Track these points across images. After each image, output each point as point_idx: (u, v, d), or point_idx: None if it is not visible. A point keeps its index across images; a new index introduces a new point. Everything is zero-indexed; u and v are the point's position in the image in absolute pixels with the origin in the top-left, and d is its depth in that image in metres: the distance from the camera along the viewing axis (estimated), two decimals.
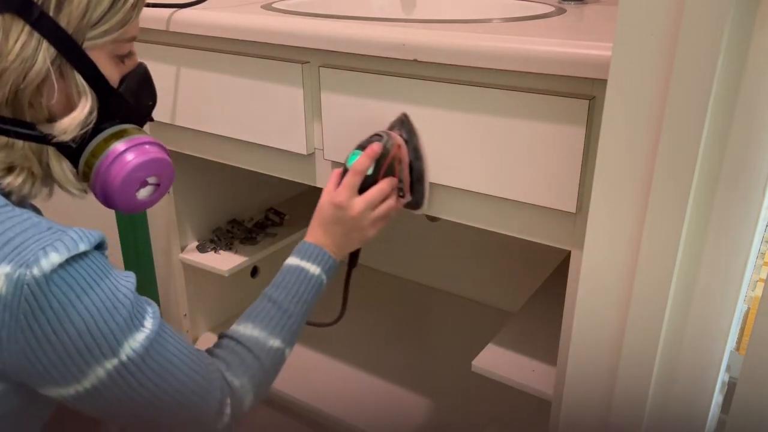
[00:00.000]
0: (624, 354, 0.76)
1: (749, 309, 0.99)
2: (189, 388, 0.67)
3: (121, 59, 0.69)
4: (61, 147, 0.67)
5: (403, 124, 0.91)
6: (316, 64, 0.98)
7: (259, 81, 1.04)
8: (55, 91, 0.63)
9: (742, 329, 0.98)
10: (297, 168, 1.08)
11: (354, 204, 0.86)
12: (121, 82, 0.70)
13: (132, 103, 0.71)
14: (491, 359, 1.03)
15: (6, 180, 0.64)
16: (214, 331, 1.53)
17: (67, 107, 0.65)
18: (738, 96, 0.63)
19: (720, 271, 0.69)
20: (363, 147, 0.89)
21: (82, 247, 0.58)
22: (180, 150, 1.24)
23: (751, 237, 0.67)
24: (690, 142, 0.64)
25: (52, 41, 0.61)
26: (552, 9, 1.07)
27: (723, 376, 0.91)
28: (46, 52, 0.61)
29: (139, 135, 0.72)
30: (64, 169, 0.69)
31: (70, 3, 0.62)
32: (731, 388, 0.98)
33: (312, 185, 1.08)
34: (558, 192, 0.83)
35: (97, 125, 0.68)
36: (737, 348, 1.00)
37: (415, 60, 0.87)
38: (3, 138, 0.63)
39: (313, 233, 0.88)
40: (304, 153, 1.04)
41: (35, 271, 0.55)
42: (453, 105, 0.87)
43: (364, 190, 0.88)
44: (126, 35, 0.68)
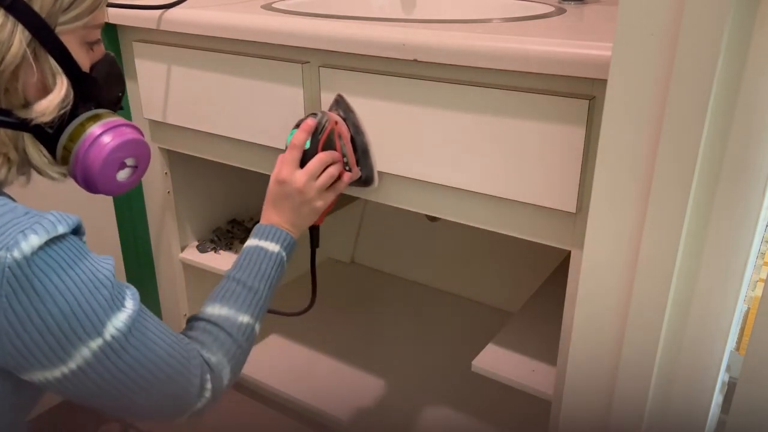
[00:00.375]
0: (624, 354, 0.76)
1: (749, 309, 0.99)
2: (172, 366, 0.68)
3: (91, 46, 0.71)
4: (38, 133, 0.68)
5: (339, 103, 0.96)
6: (316, 64, 0.98)
7: (259, 81, 1.04)
8: (31, 75, 0.64)
9: (742, 329, 0.98)
10: None
11: (296, 177, 0.90)
12: (92, 69, 0.72)
13: (104, 88, 0.73)
14: (491, 359, 1.04)
15: None
16: None
17: (42, 91, 0.66)
18: (738, 96, 0.63)
19: (720, 271, 0.69)
20: (299, 125, 0.92)
21: (60, 230, 0.59)
22: (180, 150, 1.24)
23: (751, 237, 0.67)
24: (690, 142, 0.64)
25: (26, 25, 0.63)
26: (552, 9, 1.07)
27: (723, 376, 0.91)
28: (21, 34, 0.63)
29: (114, 118, 0.74)
30: (41, 154, 0.70)
31: None
32: (731, 388, 0.98)
33: None
34: (558, 192, 0.83)
35: (73, 110, 0.69)
36: (737, 348, 1.00)
37: (415, 60, 0.87)
38: None
39: (266, 214, 0.91)
40: None
41: (16, 254, 0.56)
42: (453, 105, 0.87)
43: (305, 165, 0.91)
44: (95, 21, 0.69)
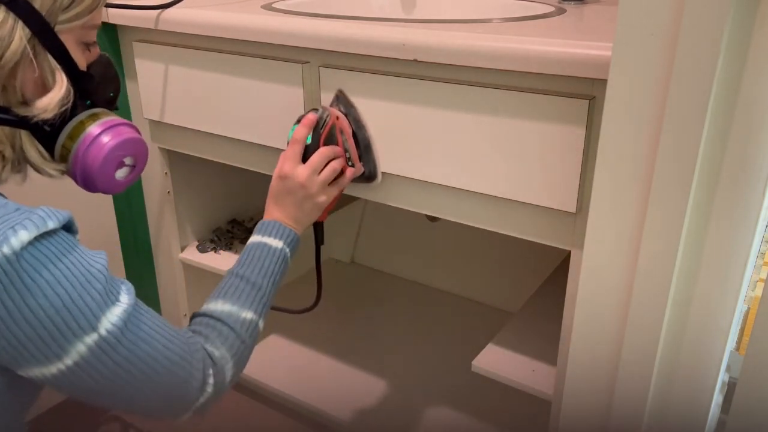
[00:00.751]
0: (624, 354, 0.76)
1: (749, 309, 0.99)
2: (170, 359, 0.68)
3: (87, 47, 0.71)
4: (36, 131, 0.68)
5: (339, 99, 0.96)
6: (316, 64, 0.98)
7: (259, 81, 1.04)
8: (30, 72, 0.65)
9: (742, 329, 0.98)
10: None
11: (298, 171, 0.89)
12: (88, 69, 0.72)
13: (101, 87, 0.74)
14: (491, 359, 1.04)
15: None
16: None
17: (41, 89, 0.67)
18: (738, 96, 0.63)
19: (720, 271, 0.69)
20: (300, 121, 0.92)
21: (50, 225, 0.59)
22: (180, 150, 1.24)
23: (751, 237, 0.67)
24: (690, 142, 0.64)
25: (26, 22, 0.63)
26: (552, 9, 1.07)
27: (723, 376, 0.91)
28: (21, 31, 0.63)
29: (112, 117, 0.74)
30: (39, 152, 0.70)
31: None
32: (731, 388, 0.98)
33: None
34: (558, 192, 0.83)
35: (72, 108, 0.70)
36: (737, 348, 1.00)
37: (415, 60, 0.87)
38: None
39: (269, 211, 0.90)
40: None
41: (5, 249, 0.56)
42: (453, 105, 0.87)
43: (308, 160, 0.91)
44: (93, 21, 0.70)
